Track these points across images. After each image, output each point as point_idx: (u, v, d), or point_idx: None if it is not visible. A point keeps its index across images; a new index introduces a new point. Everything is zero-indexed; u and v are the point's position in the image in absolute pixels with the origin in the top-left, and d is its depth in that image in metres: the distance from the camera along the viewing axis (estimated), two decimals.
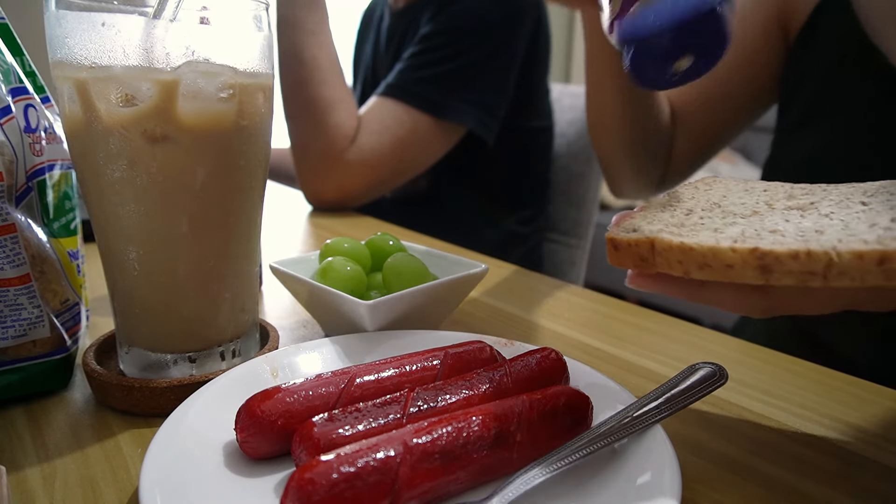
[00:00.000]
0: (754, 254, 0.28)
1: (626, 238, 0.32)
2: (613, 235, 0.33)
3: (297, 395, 0.35)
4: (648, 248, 0.32)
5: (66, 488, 0.34)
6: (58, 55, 0.37)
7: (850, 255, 0.26)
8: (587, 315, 0.63)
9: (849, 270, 0.26)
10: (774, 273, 0.28)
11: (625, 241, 0.32)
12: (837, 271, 0.26)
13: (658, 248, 0.31)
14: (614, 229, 0.34)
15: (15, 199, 0.41)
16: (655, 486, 0.30)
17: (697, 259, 0.30)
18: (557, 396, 0.35)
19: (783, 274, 0.27)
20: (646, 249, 0.32)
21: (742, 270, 0.28)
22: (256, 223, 0.45)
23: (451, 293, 0.51)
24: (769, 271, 0.28)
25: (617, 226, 0.35)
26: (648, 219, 0.35)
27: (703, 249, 0.29)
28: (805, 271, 0.27)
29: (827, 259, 0.26)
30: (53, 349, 0.43)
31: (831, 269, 0.26)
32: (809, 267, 0.27)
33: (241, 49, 0.40)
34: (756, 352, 0.54)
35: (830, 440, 0.40)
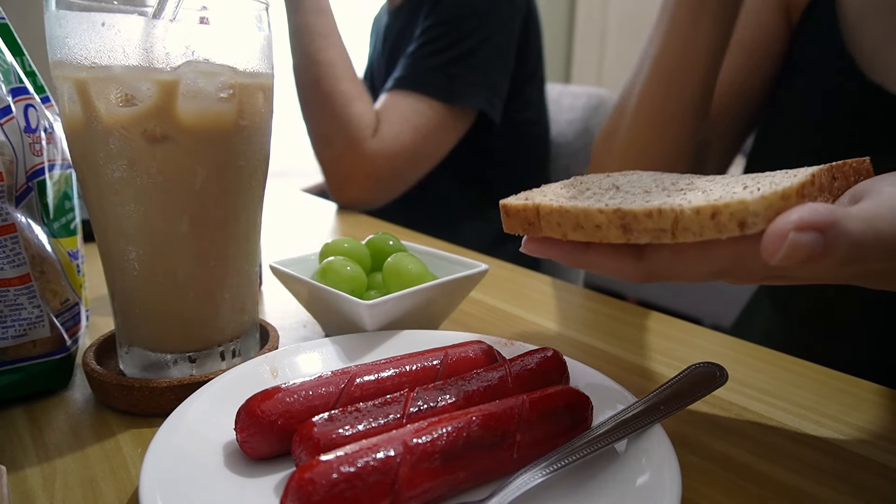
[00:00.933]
0: (617, 213, 0.31)
1: (515, 204, 0.36)
2: (505, 202, 0.36)
3: (297, 395, 0.35)
4: (534, 212, 0.35)
5: (66, 488, 0.34)
6: (58, 55, 0.37)
7: (691, 210, 0.29)
8: (587, 315, 0.63)
9: (690, 226, 0.29)
10: (634, 231, 0.31)
11: (514, 207, 0.36)
12: (682, 227, 0.29)
13: (541, 212, 0.34)
14: (509, 198, 0.37)
15: (15, 199, 0.41)
16: (655, 486, 0.30)
17: (572, 220, 0.33)
18: (557, 396, 0.35)
19: (640, 232, 0.31)
20: (532, 214, 0.35)
21: (608, 230, 0.32)
22: (256, 223, 0.45)
23: (451, 293, 0.51)
24: (629, 230, 0.31)
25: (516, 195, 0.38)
26: (543, 192, 0.38)
27: (576, 211, 0.33)
28: (657, 228, 0.30)
29: (673, 216, 0.30)
30: (53, 349, 0.43)
31: (677, 225, 0.29)
32: (660, 224, 0.30)
33: (241, 49, 0.40)
34: (756, 352, 0.54)
35: (830, 440, 0.40)
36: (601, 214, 0.32)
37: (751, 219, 0.28)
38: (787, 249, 0.25)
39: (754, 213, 0.27)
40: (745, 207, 0.28)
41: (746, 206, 0.28)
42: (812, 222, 0.25)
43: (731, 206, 0.28)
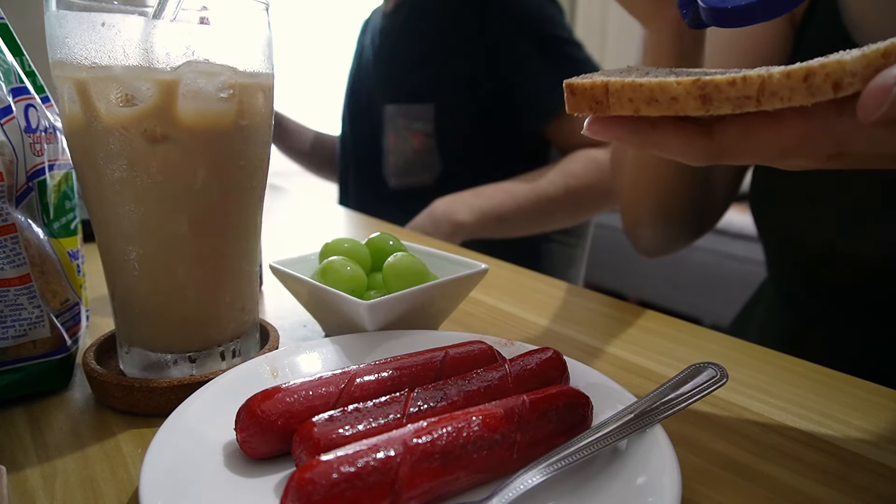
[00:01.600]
0: (696, 84, 0.30)
1: (582, 82, 0.34)
2: (571, 81, 0.35)
3: (297, 395, 0.35)
4: (603, 90, 0.34)
5: (66, 488, 0.34)
6: (58, 55, 0.37)
7: (780, 74, 0.28)
8: (587, 315, 0.63)
9: (779, 90, 0.28)
10: (714, 101, 0.30)
11: (581, 85, 0.34)
12: (769, 91, 0.28)
13: (611, 89, 0.33)
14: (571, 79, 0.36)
15: (15, 199, 0.41)
16: (655, 486, 0.30)
17: (646, 94, 0.32)
18: (557, 396, 0.35)
19: (721, 102, 0.30)
20: (600, 92, 0.34)
21: (685, 101, 0.31)
22: (256, 223, 0.46)
23: (451, 293, 0.51)
24: (709, 100, 0.30)
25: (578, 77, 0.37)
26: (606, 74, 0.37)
27: (651, 84, 0.32)
28: (741, 96, 0.29)
29: (759, 81, 0.28)
30: (53, 349, 0.43)
31: (763, 91, 0.28)
32: (745, 91, 0.29)
33: (241, 49, 0.40)
34: (756, 352, 0.54)
35: (830, 440, 0.40)
36: (678, 86, 0.30)
37: (847, 79, 0.26)
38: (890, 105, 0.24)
39: (852, 73, 0.26)
40: (843, 67, 0.26)
41: (843, 65, 0.26)
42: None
43: (828, 66, 0.26)
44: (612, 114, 0.34)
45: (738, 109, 0.29)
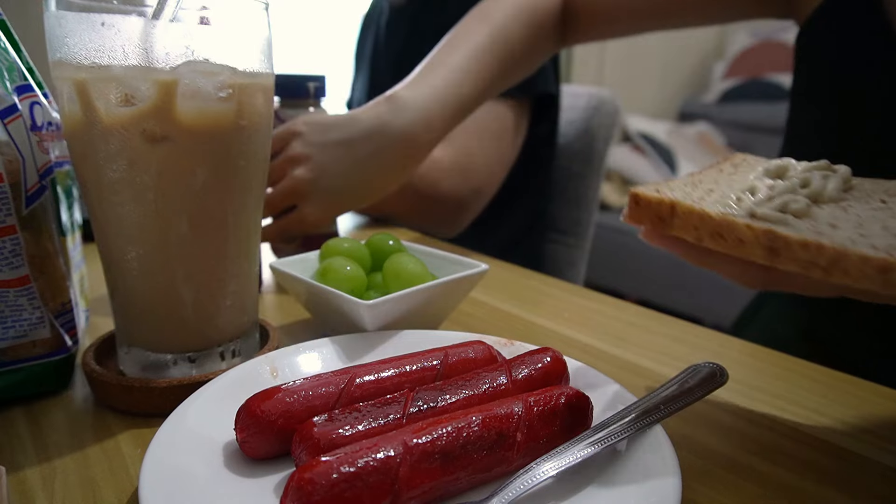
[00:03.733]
0: (767, 235, 0.29)
1: (649, 195, 0.33)
2: (638, 191, 0.34)
3: (297, 395, 0.35)
4: (669, 209, 0.33)
5: (65, 488, 0.34)
6: (57, 55, 0.37)
7: (857, 257, 0.26)
8: (587, 315, 0.63)
9: (851, 270, 0.27)
10: (781, 257, 0.29)
11: (647, 198, 0.33)
12: (841, 269, 0.27)
13: (678, 211, 0.32)
14: (640, 187, 0.35)
15: (26, 198, 0.41)
16: (655, 486, 0.30)
17: (713, 228, 0.31)
18: (557, 396, 0.35)
19: (789, 259, 0.28)
20: (666, 210, 0.33)
21: (752, 248, 0.29)
22: (256, 223, 0.45)
23: (451, 293, 0.51)
24: (776, 254, 0.29)
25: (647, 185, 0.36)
26: (671, 187, 0.36)
27: (720, 219, 0.30)
28: (810, 261, 0.28)
29: (834, 255, 0.27)
30: (53, 350, 0.43)
31: (836, 266, 0.27)
32: (815, 259, 0.28)
33: (241, 49, 0.40)
34: (756, 352, 0.54)
35: (830, 440, 0.40)
36: (749, 231, 0.29)
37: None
38: None
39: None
40: None
41: None
42: None
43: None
44: (673, 233, 0.33)
45: (803, 272, 0.28)
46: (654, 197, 0.33)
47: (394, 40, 1.24)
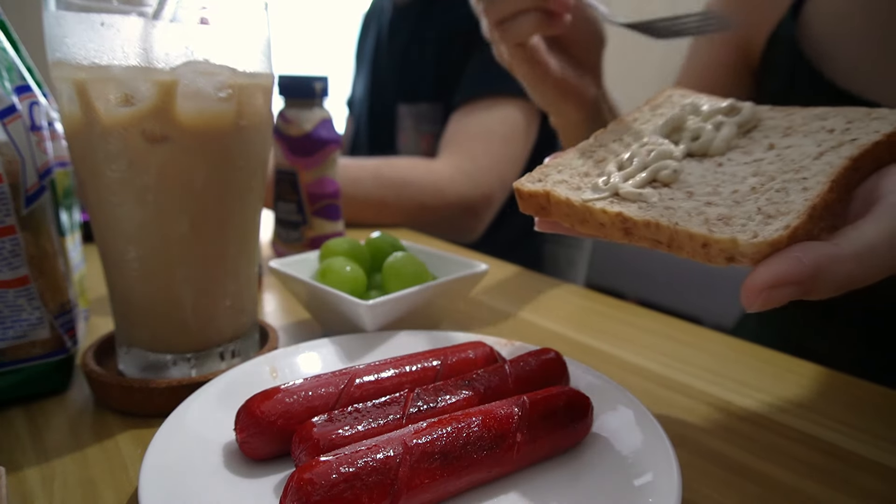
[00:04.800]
0: (619, 217, 0.32)
1: (528, 189, 0.36)
2: (518, 185, 0.36)
3: (297, 395, 0.34)
4: (545, 198, 0.35)
5: (65, 489, 0.34)
6: (57, 55, 0.37)
7: (685, 233, 0.30)
8: (587, 315, 0.63)
9: (684, 246, 0.30)
10: (634, 236, 0.32)
11: (526, 192, 0.36)
12: (676, 245, 0.30)
13: (552, 201, 0.35)
14: (524, 178, 0.37)
15: (26, 199, 0.41)
16: (655, 486, 0.30)
17: (579, 215, 0.34)
18: (557, 396, 0.35)
19: (640, 238, 0.32)
20: (543, 200, 0.35)
21: (611, 230, 0.33)
22: (256, 223, 0.45)
23: (451, 293, 0.51)
24: (630, 234, 0.32)
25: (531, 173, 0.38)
26: (561, 166, 0.38)
27: (581, 207, 0.33)
28: (654, 239, 0.31)
29: (669, 233, 0.30)
30: (53, 350, 0.43)
31: (672, 242, 0.30)
32: (657, 236, 0.31)
33: (241, 49, 0.40)
34: (756, 352, 0.54)
35: (830, 440, 0.40)
36: (604, 215, 0.33)
37: (738, 256, 0.28)
38: (761, 304, 0.26)
39: (741, 253, 0.28)
40: (735, 246, 0.28)
41: (736, 244, 0.28)
42: (788, 278, 0.26)
43: (722, 242, 0.28)
44: (554, 220, 0.36)
45: (654, 247, 0.31)
46: (530, 189, 0.36)
47: (396, 39, 1.24)
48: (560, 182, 0.36)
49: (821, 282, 0.26)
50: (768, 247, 0.27)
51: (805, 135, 0.36)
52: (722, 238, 0.28)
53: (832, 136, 0.34)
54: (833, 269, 0.26)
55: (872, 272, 0.27)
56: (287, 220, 0.75)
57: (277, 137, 0.72)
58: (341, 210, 0.77)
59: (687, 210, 0.31)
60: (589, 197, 0.34)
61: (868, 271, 0.27)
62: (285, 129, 0.71)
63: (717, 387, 0.47)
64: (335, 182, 0.75)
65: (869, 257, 0.26)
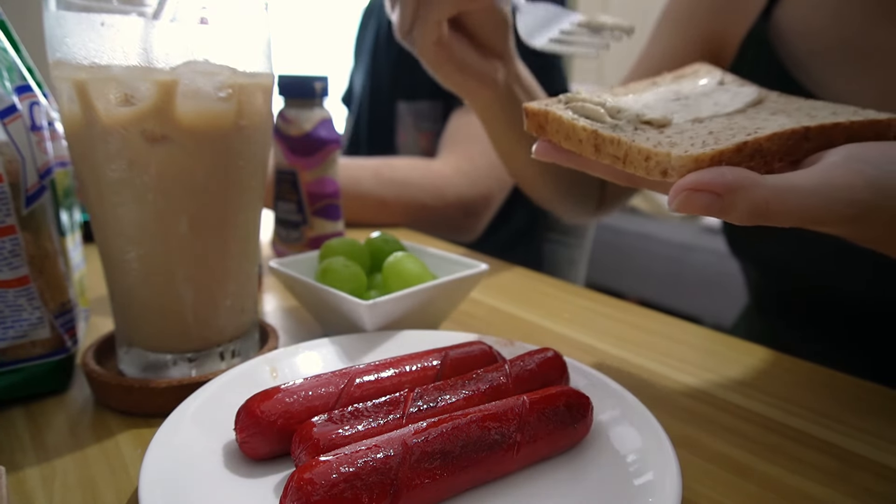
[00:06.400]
0: (593, 134, 0.36)
1: (531, 108, 0.39)
2: (527, 105, 0.40)
3: (297, 395, 0.34)
4: (544, 117, 0.39)
5: (65, 489, 0.34)
6: (57, 55, 0.37)
7: (635, 149, 0.33)
8: (587, 315, 0.63)
9: (634, 160, 0.33)
10: (602, 153, 0.35)
11: (531, 110, 0.39)
12: (629, 160, 0.34)
13: (549, 119, 0.38)
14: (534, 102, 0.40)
15: (26, 198, 0.41)
16: (655, 486, 0.30)
17: (564, 130, 0.37)
18: (557, 396, 0.35)
19: (605, 155, 0.35)
20: (542, 118, 0.39)
21: (586, 145, 0.36)
22: (256, 223, 0.45)
23: (451, 293, 0.51)
24: (599, 150, 0.35)
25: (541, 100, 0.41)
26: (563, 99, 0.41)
27: (568, 124, 0.37)
28: (614, 155, 0.35)
29: (624, 149, 0.34)
30: (53, 350, 0.43)
31: (627, 158, 0.34)
32: (616, 152, 0.34)
33: (241, 49, 0.40)
34: (756, 352, 0.54)
35: (830, 440, 0.40)
36: (583, 132, 0.36)
37: (670, 170, 0.31)
38: (679, 203, 0.29)
39: (672, 167, 0.31)
40: (668, 159, 0.31)
41: (669, 159, 0.31)
42: (708, 185, 0.28)
43: (659, 155, 0.32)
44: (549, 138, 0.39)
45: (614, 165, 0.35)
46: (534, 108, 0.39)
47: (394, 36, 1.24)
48: (563, 110, 0.39)
49: (737, 200, 0.28)
50: (693, 162, 0.30)
51: (789, 115, 0.38)
52: (660, 152, 0.32)
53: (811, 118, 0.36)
54: (751, 192, 0.28)
55: (787, 209, 0.28)
56: (287, 220, 0.75)
57: (277, 137, 0.72)
58: (341, 210, 0.77)
59: (649, 139, 0.34)
60: (576, 117, 0.38)
61: (784, 207, 0.28)
62: (285, 129, 0.71)
63: (718, 387, 0.47)
64: (335, 182, 0.75)
65: (788, 194, 0.28)
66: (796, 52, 0.64)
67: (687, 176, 0.29)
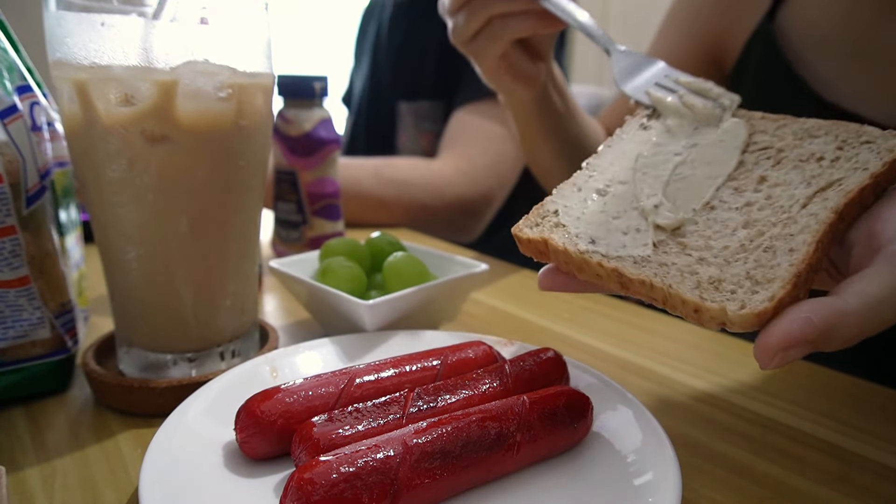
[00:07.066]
0: (615, 272, 0.33)
1: (525, 235, 0.37)
2: (517, 232, 0.38)
3: (297, 395, 0.35)
4: (543, 245, 0.36)
5: (65, 489, 0.34)
6: (57, 55, 0.37)
7: (677, 297, 0.31)
8: (587, 315, 0.63)
9: (677, 307, 0.31)
10: (630, 290, 0.33)
11: (524, 238, 0.37)
12: (670, 305, 0.31)
13: (550, 248, 0.36)
14: (521, 222, 0.38)
15: (27, 199, 0.41)
16: (655, 486, 0.30)
17: (575, 264, 0.35)
18: (557, 396, 0.35)
19: (635, 292, 0.33)
20: (542, 246, 0.37)
21: (607, 282, 0.34)
22: (256, 223, 0.45)
23: (451, 293, 0.51)
24: (626, 287, 0.33)
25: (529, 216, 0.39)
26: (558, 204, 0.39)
27: (579, 258, 0.35)
28: (649, 296, 0.32)
29: (662, 294, 0.32)
30: (53, 350, 0.43)
31: (667, 302, 0.32)
32: (651, 294, 0.32)
33: (241, 49, 0.40)
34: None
35: (831, 440, 0.40)
36: (601, 268, 0.34)
37: (728, 323, 0.29)
38: (776, 365, 0.27)
39: (731, 321, 0.29)
40: (724, 314, 0.29)
41: (725, 313, 0.29)
42: (802, 338, 0.26)
43: (712, 311, 0.29)
44: (553, 263, 0.37)
45: (648, 301, 0.33)
46: (529, 236, 0.37)
47: (396, 36, 1.24)
48: (557, 226, 0.37)
49: (832, 339, 0.26)
50: (755, 318, 0.28)
51: (795, 165, 0.36)
52: (712, 307, 0.29)
53: (821, 171, 0.35)
54: (843, 325, 0.26)
55: (880, 324, 0.27)
56: (287, 220, 0.75)
57: (277, 137, 0.72)
58: (341, 210, 0.77)
59: (680, 268, 0.33)
60: (585, 248, 0.35)
61: (876, 324, 0.27)
62: (285, 129, 0.71)
63: (718, 387, 0.47)
64: (335, 182, 0.75)
65: (877, 311, 0.27)
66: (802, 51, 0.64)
67: (770, 333, 0.27)
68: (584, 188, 0.40)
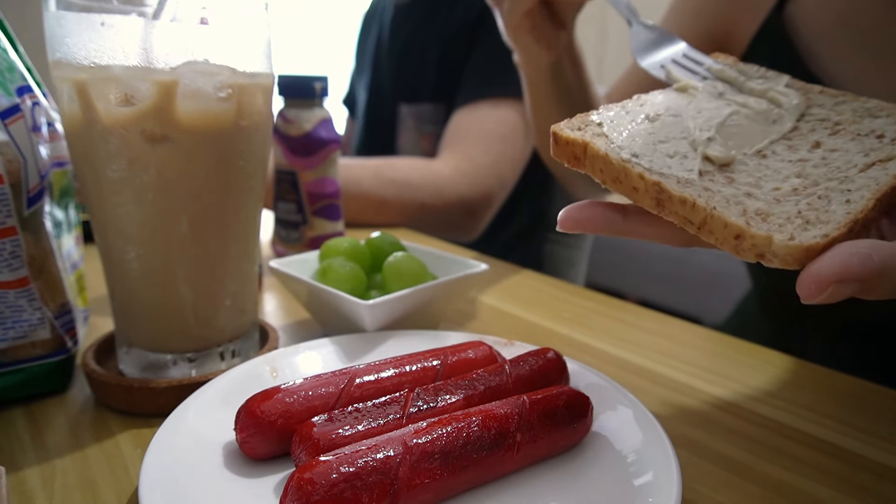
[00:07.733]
0: (655, 187, 0.31)
1: (566, 135, 0.34)
2: (557, 130, 0.35)
3: (297, 395, 0.35)
4: (582, 149, 0.34)
5: (65, 489, 0.34)
6: (57, 55, 0.37)
7: (720, 220, 0.29)
8: (587, 315, 0.63)
9: (715, 231, 0.29)
10: (665, 209, 0.31)
11: (564, 137, 0.34)
12: (707, 229, 0.29)
13: (588, 153, 0.33)
14: (562, 123, 0.35)
15: (28, 199, 0.41)
16: (655, 486, 0.30)
17: (613, 173, 0.33)
18: (557, 396, 0.35)
19: (671, 213, 0.31)
20: (580, 150, 0.34)
21: (643, 197, 0.32)
22: (256, 223, 0.45)
23: (451, 293, 0.51)
24: (662, 206, 0.31)
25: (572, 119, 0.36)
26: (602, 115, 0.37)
27: (619, 166, 0.32)
28: (686, 218, 0.30)
29: (703, 215, 0.29)
30: (53, 350, 0.43)
31: (704, 226, 0.29)
32: (690, 215, 0.30)
33: (241, 49, 0.40)
34: (756, 352, 0.54)
35: (830, 440, 0.40)
36: (641, 180, 0.31)
37: (769, 255, 0.27)
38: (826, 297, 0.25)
39: (773, 253, 0.27)
40: (768, 244, 0.27)
41: (770, 243, 0.27)
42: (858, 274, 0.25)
43: (757, 237, 0.27)
44: (585, 172, 0.34)
45: (682, 225, 0.30)
46: (568, 136, 0.34)
47: (397, 39, 1.24)
48: (600, 136, 0.34)
49: (883, 282, 0.25)
50: (803, 252, 0.26)
51: (853, 137, 0.34)
52: (758, 234, 0.27)
53: (881, 146, 0.33)
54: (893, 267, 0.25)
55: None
56: (287, 220, 0.75)
57: (277, 137, 0.72)
58: (341, 210, 0.77)
59: (725, 196, 0.30)
60: (628, 158, 0.32)
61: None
62: (285, 129, 0.71)
63: (718, 387, 0.47)
64: (335, 182, 0.75)
65: None
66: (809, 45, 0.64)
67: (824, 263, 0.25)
68: (633, 112, 0.38)
